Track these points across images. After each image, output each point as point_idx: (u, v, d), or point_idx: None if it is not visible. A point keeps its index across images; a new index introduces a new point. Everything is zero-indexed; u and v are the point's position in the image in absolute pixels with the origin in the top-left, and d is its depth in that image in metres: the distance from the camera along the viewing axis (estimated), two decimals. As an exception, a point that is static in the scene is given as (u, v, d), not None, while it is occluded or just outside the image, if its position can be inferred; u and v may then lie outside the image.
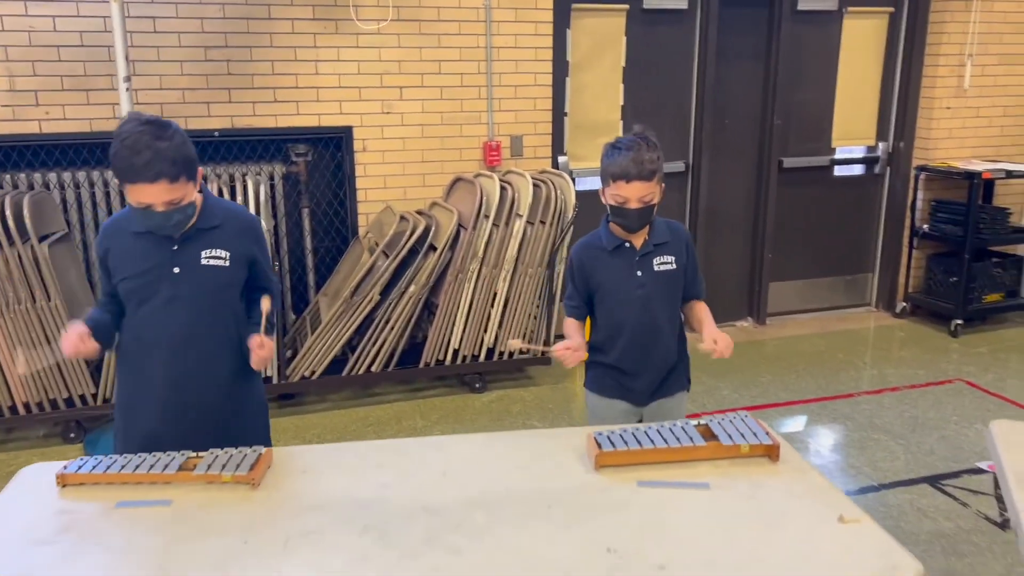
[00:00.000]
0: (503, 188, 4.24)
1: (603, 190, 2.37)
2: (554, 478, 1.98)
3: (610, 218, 2.40)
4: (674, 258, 2.42)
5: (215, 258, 2.09)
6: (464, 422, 4.17)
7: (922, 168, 5.59)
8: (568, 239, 4.43)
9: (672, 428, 2.09)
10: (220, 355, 2.14)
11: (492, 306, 4.33)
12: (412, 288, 4.18)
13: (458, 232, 4.22)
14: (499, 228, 4.24)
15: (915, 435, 4.01)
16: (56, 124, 4.01)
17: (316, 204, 4.58)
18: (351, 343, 4.29)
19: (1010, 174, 5.33)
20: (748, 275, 5.69)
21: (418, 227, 4.16)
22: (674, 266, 2.42)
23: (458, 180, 4.60)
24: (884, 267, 5.93)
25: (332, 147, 4.54)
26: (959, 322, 5.37)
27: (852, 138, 5.73)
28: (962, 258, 5.31)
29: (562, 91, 4.90)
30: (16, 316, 3.67)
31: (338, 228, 4.64)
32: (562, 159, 5.00)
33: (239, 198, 4.03)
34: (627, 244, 2.41)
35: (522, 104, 4.70)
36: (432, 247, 4.21)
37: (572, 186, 4.38)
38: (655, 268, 2.40)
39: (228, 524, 1.78)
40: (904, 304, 5.81)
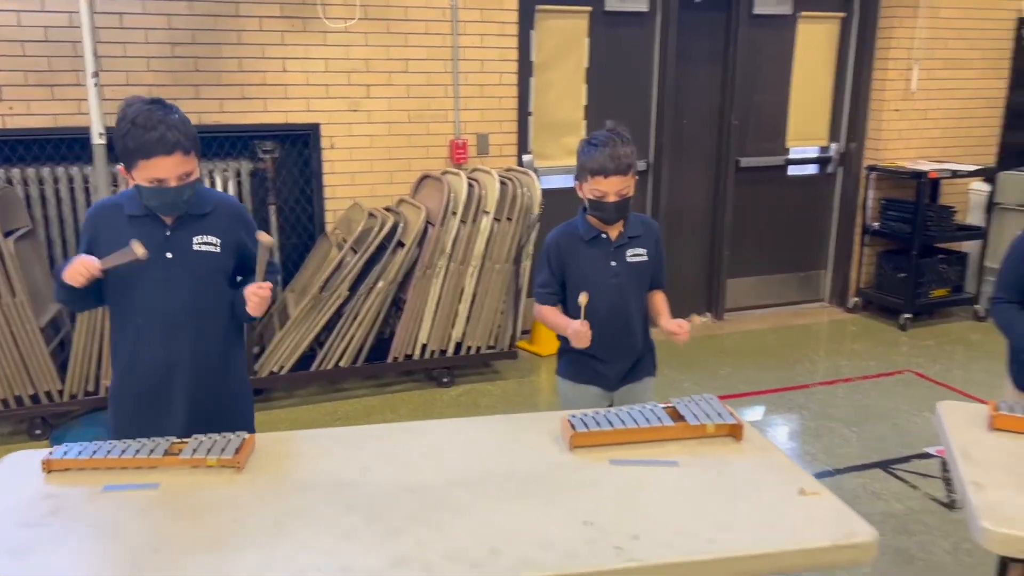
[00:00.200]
0: (470, 185, 4.32)
1: (580, 185, 2.47)
2: (531, 458, 2.06)
3: (589, 212, 2.48)
4: (645, 250, 2.54)
5: (207, 244, 2.14)
6: (433, 416, 4.23)
7: (872, 168, 5.79)
8: (534, 236, 4.52)
9: (642, 410, 2.19)
10: (210, 339, 2.17)
11: (460, 301, 4.40)
12: (381, 284, 4.23)
13: (426, 228, 4.28)
14: (466, 225, 4.31)
15: (867, 423, 4.17)
16: (20, 119, 3.98)
17: (283, 201, 4.60)
18: (319, 339, 4.32)
19: (955, 174, 5.56)
20: (707, 271, 5.84)
21: (386, 223, 4.21)
22: (645, 258, 2.54)
23: (425, 177, 4.66)
24: (837, 264, 6.13)
25: (300, 144, 4.56)
26: (908, 316, 5.59)
27: (806, 139, 5.91)
28: (910, 255, 5.51)
29: (527, 91, 4.99)
30: (-19, 312, 3.64)
31: (305, 225, 4.67)
32: (527, 157, 5.09)
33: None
34: (603, 235, 2.51)
35: (488, 103, 4.78)
36: (400, 243, 4.26)
37: (538, 184, 4.47)
38: (628, 259, 2.51)
39: (216, 505, 1.83)
40: (856, 299, 6.01)
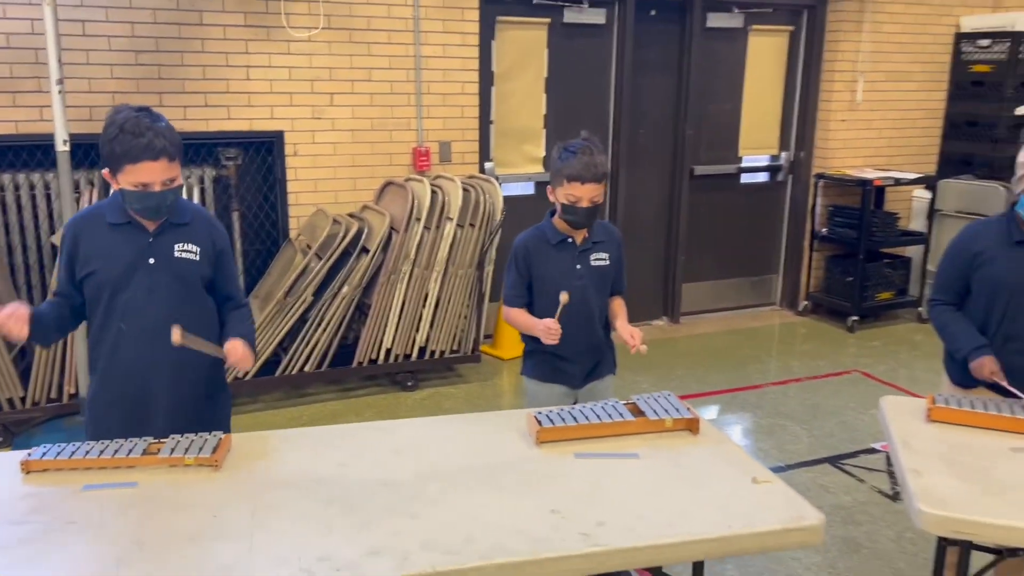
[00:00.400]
0: (434, 192, 4.40)
1: (553, 189, 2.57)
2: (499, 453, 2.16)
3: (561, 216, 2.58)
4: (608, 255, 2.65)
5: (187, 251, 2.21)
6: (398, 419, 4.28)
7: (820, 176, 6.01)
8: (496, 241, 4.62)
9: (604, 406, 2.31)
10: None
11: (424, 306, 4.48)
12: (345, 289, 4.29)
13: (390, 234, 4.36)
14: (430, 231, 4.39)
15: (817, 420, 4.35)
16: (-19, 126, 3.97)
17: (247, 207, 4.64)
18: (283, 344, 4.36)
19: (898, 181, 5.79)
20: (663, 277, 6.00)
21: (351, 229, 4.28)
22: (608, 262, 2.65)
23: (389, 184, 4.73)
24: (787, 268, 6.34)
25: (263, 151, 4.60)
26: (855, 318, 5.80)
27: (757, 147, 6.11)
28: (857, 259, 5.73)
29: (488, 99, 5.10)
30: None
31: (269, 231, 4.71)
32: (488, 165, 5.19)
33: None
34: (570, 239, 2.62)
35: (450, 111, 4.87)
36: (365, 249, 4.33)
37: (500, 191, 4.58)
38: (592, 263, 2.63)
39: (196, 502, 1.89)
40: (806, 302, 6.22)
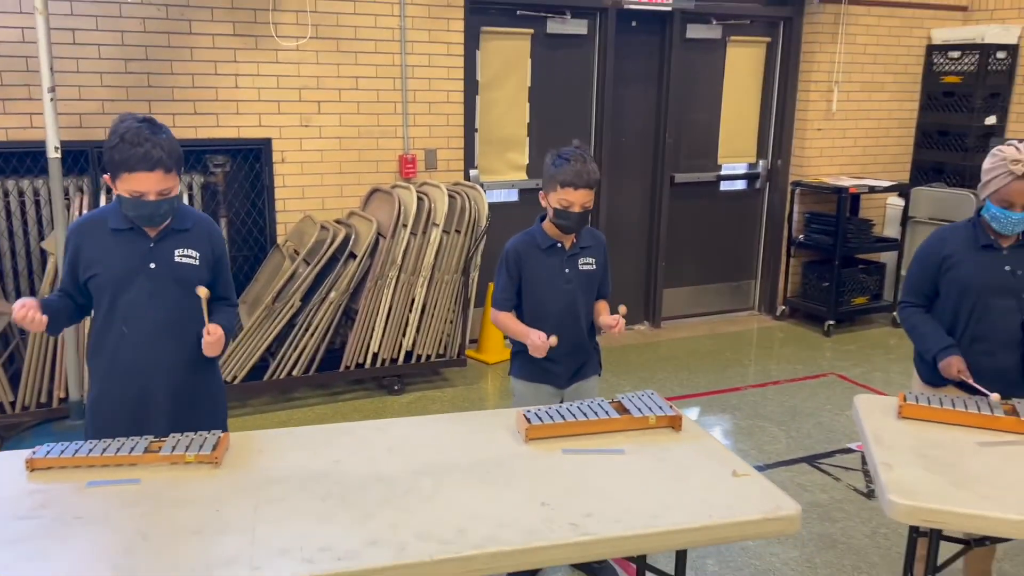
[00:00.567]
0: (420, 199, 4.48)
1: (546, 194, 2.66)
2: (490, 450, 2.24)
3: (553, 220, 2.67)
4: (594, 260, 2.75)
5: (187, 257, 2.28)
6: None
7: (797, 184, 6.15)
8: (482, 247, 4.70)
9: (590, 405, 2.40)
10: (189, 343, 2.30)
11: (410, 311, 4.55)
12: (333, 294, 4.36)
13: (377, 240, 4.43)
14: (416, 237, 4.47)
15: (794, 422, 4.46)
16: (-30, 133, 4.00)
17: (235, 214, 4.69)
18: (271, 349, 4.42)
19: (872, 189, 5.95)
20: (644, 282, 6.11)
21: (338, 235, 4.35)
22: (594, 267, 2.75)
23: (375, 191, 4.80)
24: (765, 274, 6.47)
25: (251, 158, 4.66)
26: (831, 323, 5.94)
27: (736, 156, 6.25)
28: (833, 265, 5.87)
29: (473, 108, 5.19)
30: (-68, 324, 3.65)
31: (256, 237, 4.76)
32: (473, 172, 5.28)
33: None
34: (559, 244, 2.72)
35: (436, 120, 4.96)
36: (352, 255, 4.40)
37: (485, 197, 4.66)
38: (580, 267, 2.73)
39: (198, 497, 1.96)
40: (783, 307, 6.36)
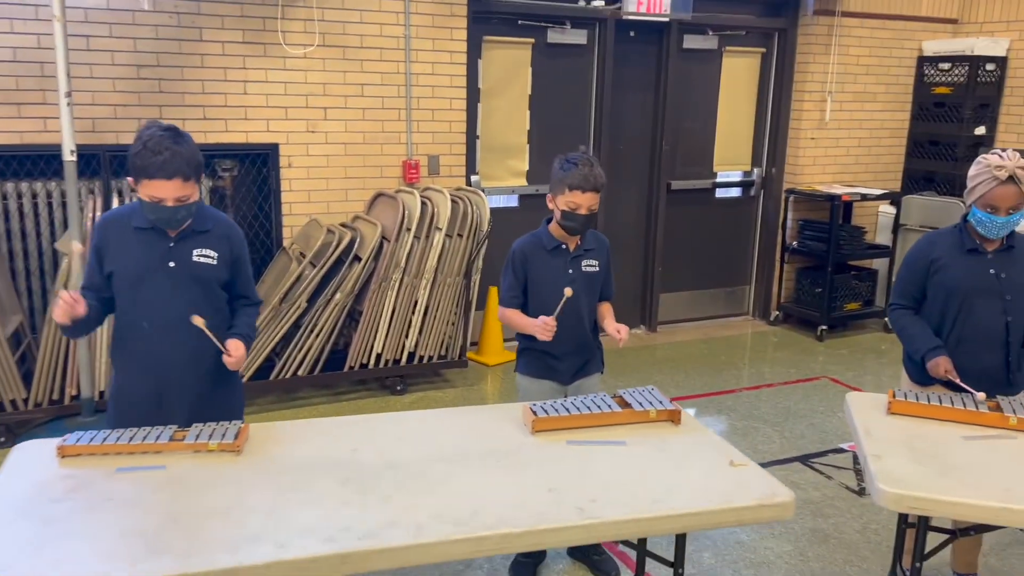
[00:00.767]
0: (423, 203, 4.59)
1: (553, 197, 2.78)
2: (498, 440, 2.35)
3: (560, 222, 2.79)
4: (598, 262, 2.87)
5: (205, 256, 2.39)
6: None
7: (791, 191, 6.28)
8: (483, 251, 4.81)
9: (594, 399, 2.51)
10: (208, 339, 2.38)
11: (413, 313, 4.66)
12: (338, 296, 4.46)
13: (381, 243, 4.53)
14: (420, 240, 4.57)
15: (788, 423, 4.58)
16: (-13, 136, 4.10)
17: (242, 217, 4.79)
18: (276, 349, 4.51)
19: (865, 197, 6.07)
20: (641, 287, 6.22)
21: (344, 238, 4.45)
22: (597, 268, 2.87)
23: (379, 195, 4.91)
24: (759, 280, 6.59)
25: (259, 163, 4.76)
26: (824, 328, 6.06)
27: (731, 163, 6.37)
28: (826, 271, 5.99)
29: (474, 115, 5.31)
30: (-52, 322, 3.73)
31: (263, 240, 4.86)
32: (474, 178, 5.39)
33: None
34: (564, 245, 2.83)
35: (439, 126, 5.07)
36: (357, 257, 4.50)
37: (487, 202, 4.78)
38: (583, 268, 2.84)
39: (222, 482, 2.06)
40: (777, 312, 6.48)
